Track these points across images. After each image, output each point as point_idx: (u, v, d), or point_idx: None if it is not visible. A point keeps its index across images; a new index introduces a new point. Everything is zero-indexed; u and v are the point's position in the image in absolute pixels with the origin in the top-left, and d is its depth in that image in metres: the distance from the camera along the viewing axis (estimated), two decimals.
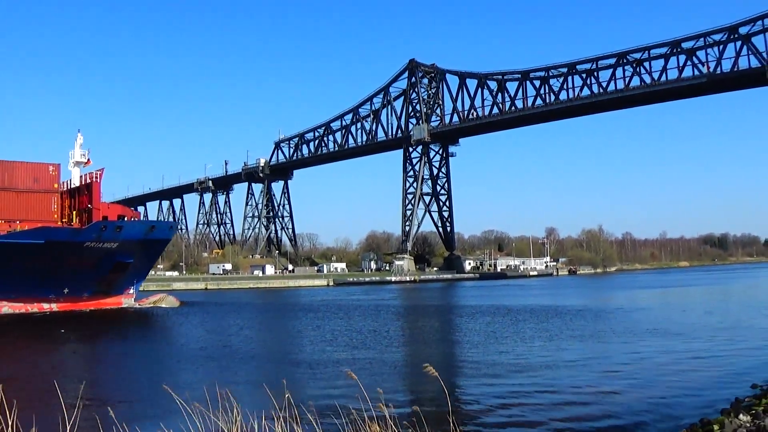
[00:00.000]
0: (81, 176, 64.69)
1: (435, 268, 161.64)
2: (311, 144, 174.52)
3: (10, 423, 6.62)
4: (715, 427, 14.37)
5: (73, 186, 64.26)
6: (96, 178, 62.36)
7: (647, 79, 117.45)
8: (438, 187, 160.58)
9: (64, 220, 62.63)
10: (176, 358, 32.52)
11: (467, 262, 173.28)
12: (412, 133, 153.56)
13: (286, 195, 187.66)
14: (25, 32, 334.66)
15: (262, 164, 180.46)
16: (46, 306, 58.75)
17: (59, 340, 40.61)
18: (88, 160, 65.17)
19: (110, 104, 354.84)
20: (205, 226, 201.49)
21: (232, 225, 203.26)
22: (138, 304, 65.10)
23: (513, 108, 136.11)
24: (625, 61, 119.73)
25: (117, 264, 59.65)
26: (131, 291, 65.30)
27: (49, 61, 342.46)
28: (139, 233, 61.00)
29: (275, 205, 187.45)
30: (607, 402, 19.53)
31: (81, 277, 58.28)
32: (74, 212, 62.42)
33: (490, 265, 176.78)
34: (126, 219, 63.82)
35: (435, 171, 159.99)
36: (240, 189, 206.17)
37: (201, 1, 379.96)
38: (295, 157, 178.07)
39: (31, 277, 55.23)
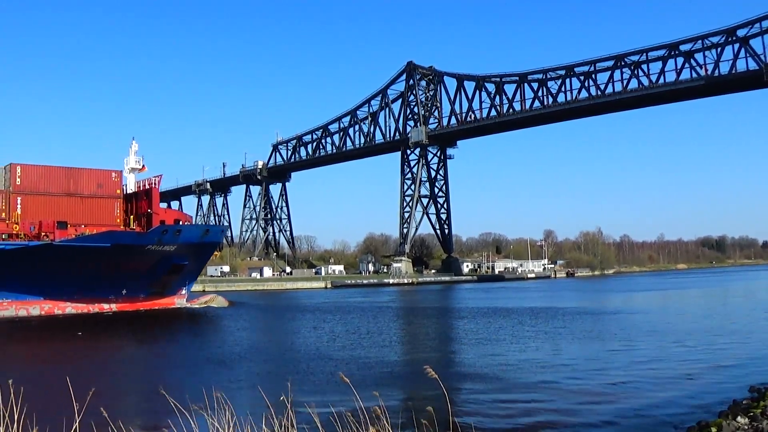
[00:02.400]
0: (135, 182, 67.78)
1: (433, 271, 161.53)
2: (309, 146, 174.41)
3: (17, 418, 6.82)
4: (713, 429, 14.30)
5: (130, 191, 66.70)
6: (154, 184, 65.49)
7: (645, 82, 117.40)
8: (436, 190, 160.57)
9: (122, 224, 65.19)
10: (220, 358, 32.29)
11: (465, 264, 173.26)
12: (409, 135, 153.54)
13: (284, 197, 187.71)
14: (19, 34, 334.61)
15: (259, 166, 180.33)
16: (106, 306, 61.16)
17: (120, 340, 43.10)
18: (143, 166, 68.53)
19: (109, 106, 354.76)
20: None
21: (230, 227, 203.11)
22: (190, 304, 67.83)
23: (511, 110, 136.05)
24: (623, 63, 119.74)
25: (173, 266, 62.35)
26: (183, 292, 68.14)
27: (46, 63, 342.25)
28: (195, 237, 64.02)
29: (273, 207, 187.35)
30: (605, 405, 19.45)
31: (139, 278, 61.07)
32: (131, 216, 64.79)
33: (488, 268, 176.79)
34: (180, 223, 66.45)
35: (433, 173, 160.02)
36: (238, 191, 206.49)
37: (198, 3, 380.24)
38: (292, 160, 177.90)
39: (94, 279, 57.64)
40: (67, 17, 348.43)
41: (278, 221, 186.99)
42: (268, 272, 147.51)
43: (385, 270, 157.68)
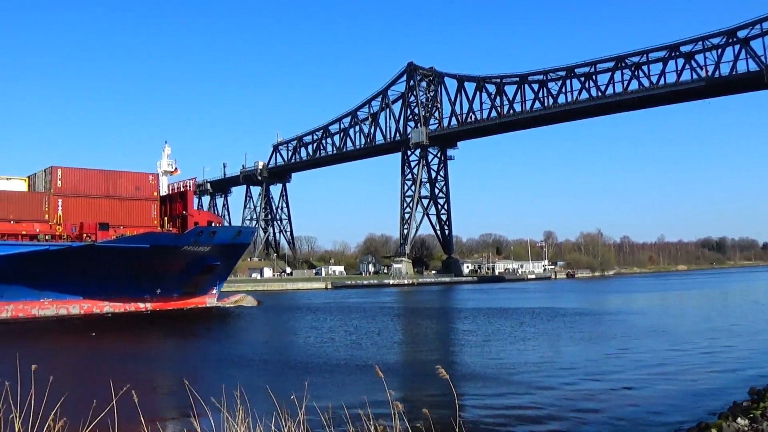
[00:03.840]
0: (168, 184, 69.36)
1: (433, 272, 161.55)
2: (309, 147, 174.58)
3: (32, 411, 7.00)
4: (713, 431, 14.30)
5: (163, 193, 68.12)
6: (189, 186, 67.73)
7: (646, 83, 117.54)
8: (436, 191, 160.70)
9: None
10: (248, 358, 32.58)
11: (465, 265, 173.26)
12: (410, 136, 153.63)
13: (285, 198, 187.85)
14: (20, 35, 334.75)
15: (260, 167, 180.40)
16: (141, 306, 62.81)
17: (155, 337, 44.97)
18: (176, 169, 70.90)
19: (109, 106, 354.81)
20: None
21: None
22: (221, 304, 69.66)
23: (511, 111, 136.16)
24: (623, 64, 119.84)
25: (206, 266, 64.30)
26: (214, 291, 69.92)
27: (45, 63, 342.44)
28: (228, 238, 65.91)
29: (273, 208, 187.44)
30: (604, 406, 19.45)
31: (173, 278, 62.92)
32: (165, 218, 66.25)
33: (488, 269, 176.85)
34: (213, 224, 68.23)
35: (433, 174, 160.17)
36: (238, 192, 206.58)
37: (198, 3, 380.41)
38: (293, 160, 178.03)
39: (131, 278, 59.44)
40: (66, 17, 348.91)
41: (278, 222, 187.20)
42: (268, 273, 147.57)
43: (385, 271, 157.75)
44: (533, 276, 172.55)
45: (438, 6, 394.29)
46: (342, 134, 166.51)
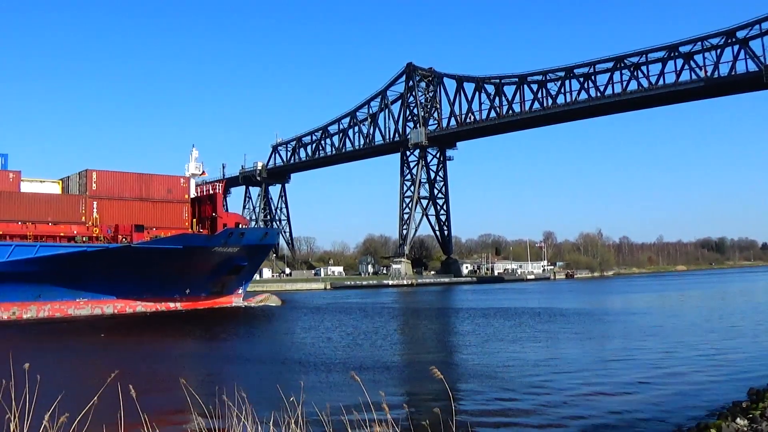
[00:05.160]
0: (197, 187, 71.17)
1: (432, 272, 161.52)
2: (309, 147, 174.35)
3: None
4: (713, 431, 14.28)
5: (192, 196, 69.40)
6: (218, 189, 69.99)
7: (645, 83, 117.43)
8: (435, 191, 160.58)
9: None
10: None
11: (464, 265, 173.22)
12: (409, 136, 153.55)
13: (284, 198, 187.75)
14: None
15: (259, 167, 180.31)
16: (172, 305, 64.45)
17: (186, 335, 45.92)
18: (203, 171, 73.07)
19: (108, 106, 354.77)
20: None
21: None
22: (247, 303, 71.19)
23: (510, 112, 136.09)
24: (622, 65, 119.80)
25: (235, 267, 66.32)
26: (240, 291, 71.62)
27: (48, 62, 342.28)
28: (256, 239, 68.40)
29: (272, 208, 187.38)
30: (603, 406, 19.41)
31: (202, 278, 64.94)
32: (194, 220, 67.64)
33: (488, 269, 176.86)
34: (240, 225, 70.06)
35: (432, 174, 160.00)
36: (237, 192, 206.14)
37: (198, 3, 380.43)
38: (292, 161, 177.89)
39: (164, 279, 61.30)
40: (66, 17, 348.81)
41: (278, 222, 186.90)
42: (267, 273, 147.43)
43: (384, 271, 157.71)
44: (532, 276, 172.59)
45: (438, 6, 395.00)
46: (341, 135, 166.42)
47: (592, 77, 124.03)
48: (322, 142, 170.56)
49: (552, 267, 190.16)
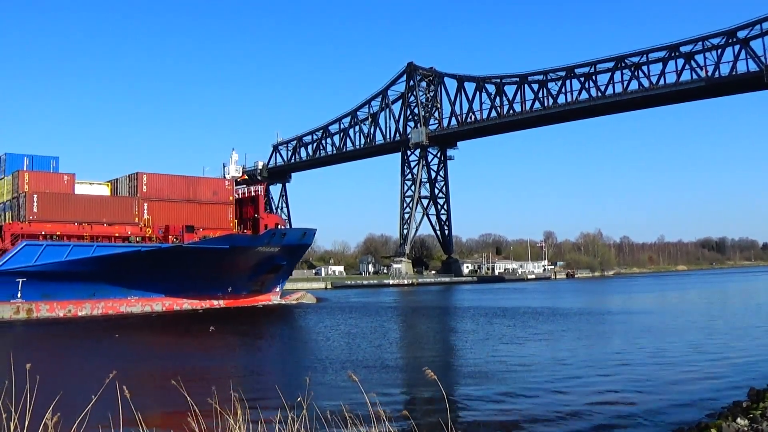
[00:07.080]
0: (235, 188, 72.71)
1: (433, 272, 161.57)
2: (309, 147, 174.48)
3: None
4: (713, 431, 14.27)
5: (235, 198, 71.56)
6: (260, 191, 72.98)
7: (645, 83, 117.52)
8: (436, 191, 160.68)
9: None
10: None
11: (465, 265, 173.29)
12: (410, 136, 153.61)
13: (284, 198, 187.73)
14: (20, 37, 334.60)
15: (260, 167, 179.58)
16: (215, 303, 66.59)
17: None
18: (243, 174, 76.59)
19: (108, 107, 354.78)
20: None
21: None
22: (284, 301, 73.97)
23: (511, 111, 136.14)
24: (623, 65, 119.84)
25: (274, 266, 69.05)
26: (277, 289, 74.28)
27: (42, 63, 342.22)
28: (296, 239, 70.95)
29: (273, 207, 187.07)
30: (603, 406, 19.39)
31: (244, 277, 67.35)
32: (235, 220, 69.83)
33: (488, 269, 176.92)
34: (279, 226, 72.51)
35: (433, 174, 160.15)
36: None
37: (198, 3, 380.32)
38: (293, 160, 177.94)
39: (209, 277, 63.75)
40: (65, 17, 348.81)
41: None
42: None
43: (385, 271, 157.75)
44: (533, 276, 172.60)
45: (437, 6, 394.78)
46: (342, 134, 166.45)
47: (593, 77, 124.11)
48: (323, 141, 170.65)
49: (552, 267, 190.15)
